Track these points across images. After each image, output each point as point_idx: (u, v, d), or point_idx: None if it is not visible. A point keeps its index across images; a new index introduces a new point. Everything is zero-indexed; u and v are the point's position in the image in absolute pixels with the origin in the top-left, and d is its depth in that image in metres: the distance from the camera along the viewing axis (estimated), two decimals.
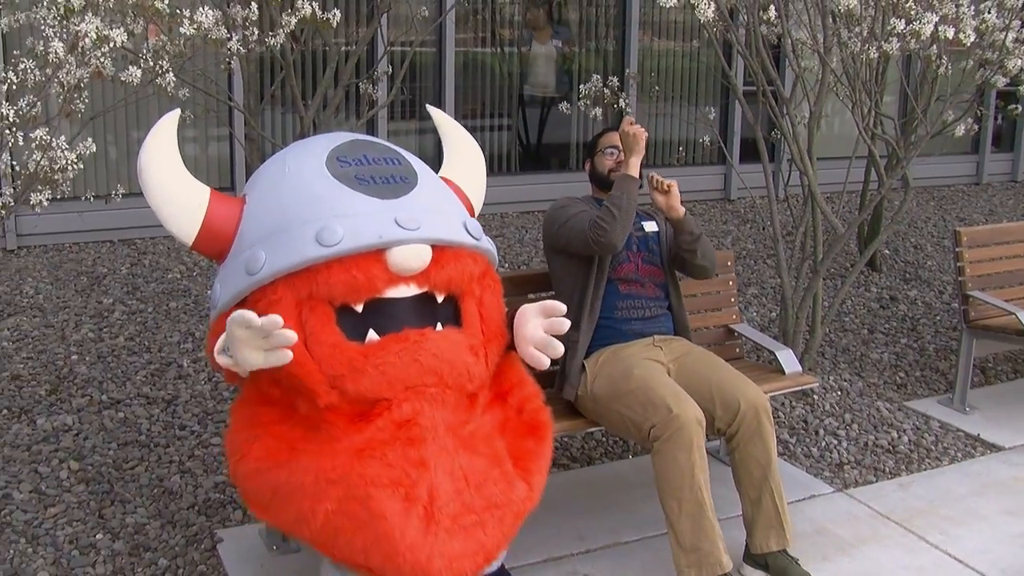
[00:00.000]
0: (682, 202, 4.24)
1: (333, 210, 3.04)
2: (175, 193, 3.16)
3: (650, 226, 4.43)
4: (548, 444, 3.34)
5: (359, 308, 3.03)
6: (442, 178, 3.54)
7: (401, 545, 2.84)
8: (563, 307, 3.23)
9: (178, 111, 3.29)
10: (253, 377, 3.07)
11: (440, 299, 3.16)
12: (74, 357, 5.41)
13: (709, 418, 3.89)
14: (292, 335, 2.87)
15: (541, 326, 3.24)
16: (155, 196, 3.16)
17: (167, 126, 3.22)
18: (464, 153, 3.74)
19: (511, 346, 3.32)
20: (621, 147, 4.26)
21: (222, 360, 3.00)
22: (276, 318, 2.82)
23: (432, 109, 3.91)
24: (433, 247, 3.06)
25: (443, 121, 3.86)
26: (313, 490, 2.95)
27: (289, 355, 2.91)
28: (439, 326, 3.12)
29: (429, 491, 2.91)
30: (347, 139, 3.32)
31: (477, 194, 3.66)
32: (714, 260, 4.40)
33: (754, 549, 3.93)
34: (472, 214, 3.55)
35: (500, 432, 3.24)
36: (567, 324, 3.22)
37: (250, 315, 2.80)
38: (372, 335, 3.04)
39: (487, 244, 3.30)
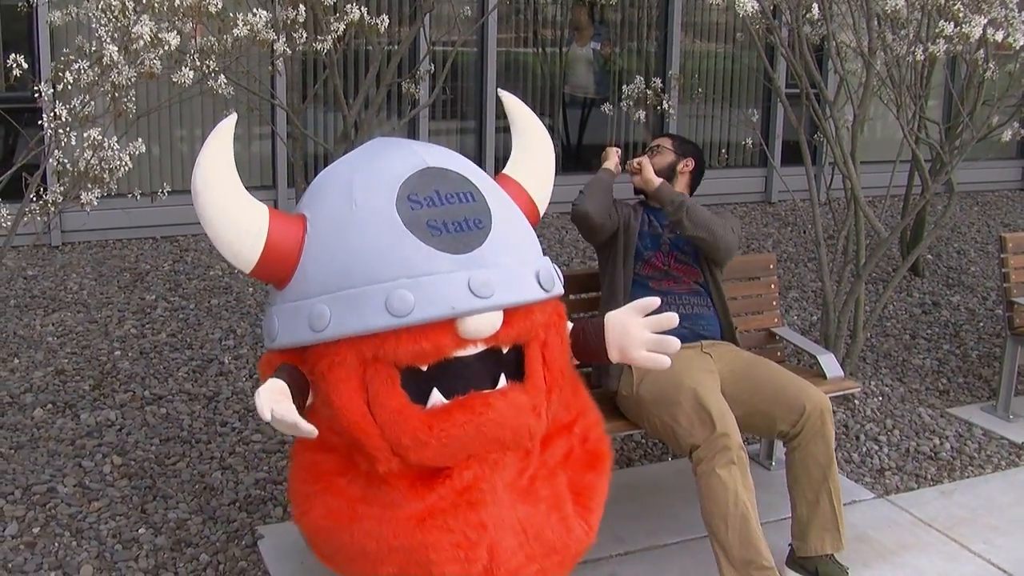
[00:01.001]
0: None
1: (404, 270, 2.86)
2: (236, 217, 2.96)
3: None
4: (607, 476, 3.28)
5: (424, 368, 2.92)
6: (508, 177, 3.43)
7: None
8: (656, 301, 3.22)
9: (234, 117, 3.08)
10: (313, 418, 2.92)
11: (505, 351, 3.04)
12: (117, 353, 5.46)
13: (771, 422, 3.91)
14: (314, 431, 2.78)
15: (646, 326, 3.21)
16: (212, 220, 2.96)
17: (223, 137, 3.02)
18: (534, 150, 3.58)
19: (584, 364, 3.29)
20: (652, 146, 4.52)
21: (265, 412, 2.87)
22: (311, 429, 2.76)
23: (505, 95, 3.68)
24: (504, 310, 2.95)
25: (515, 111, 3.64)
26: (376, 556, 2.94)
27: (315, 432, 2.83)
28: (502, 379, 3.02)
29: (489, 550, 2.89)
30: (418, 168, 3.05)
31: (542, 195, 3.52)
32: (716, 231, 4.19)
33: (805, 552, 3.90)
34: (537, 217, 3.45)
35: (564, 464, 3.18)
36: (675, 317, 3.21)
37: (291, 419, 2.73)
38: (437, 396, 2.94)
39: (558, 289, 3.16)
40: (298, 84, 5.32)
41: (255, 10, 3.93)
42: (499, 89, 3.77)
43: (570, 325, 3.40)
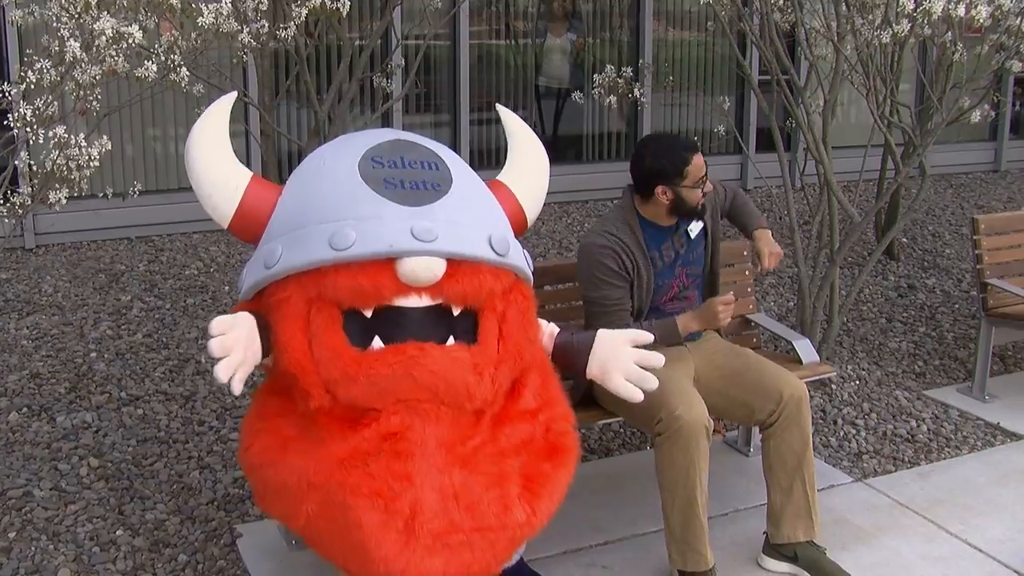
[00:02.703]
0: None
1: (352, 212, 2.99)
2: (217, 172, 3.17)
3: (696, 227, 4.20)
4: (566, 470, 3.24)
5: (368, 314, 2.99)
6: (499, 182, 3.47)
7: (376, 555, 2.84)
8: (651, 337, 3.27)
9: (234, 94, 3.32)
10: (273, 364, 3.07)
11: (456, 312, 3.07)
12: (93, 355, 5.44)
13: (748, 410, 3.94)
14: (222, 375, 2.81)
15: (634, 358, 3.27)
16: (197, 172, 3.17)
17: (222, 107, 3.26)
18: (528, 160, 3.63)
19: (560, 359, 3.38)
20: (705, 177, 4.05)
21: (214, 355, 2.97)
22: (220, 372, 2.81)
23: (501, 110, 3.77)
24: (449, 260, 2.98)
25: (510, 123, 3.72)
26: (296, 491, 2.97)
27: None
28: (451, 340, 3.05)
29: (412, 505, 2.86)
30: (390, 138, 3.24)
31: (533, 205, 3.54)
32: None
33: (779, 539, 3.93)
34: (524, 224, 3.48)
35: (521, 449, 3.17)
36: (662, 359, 3.27)
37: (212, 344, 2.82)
38: (377, 343, 2.99)
39: (514, 260, 3.18)
40: (269, 81, 5.28)
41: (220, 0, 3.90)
42: (497, 104, 3.84)
43: (555, 328, 3.51)
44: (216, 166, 3.17)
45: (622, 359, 3.28)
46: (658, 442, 3.73)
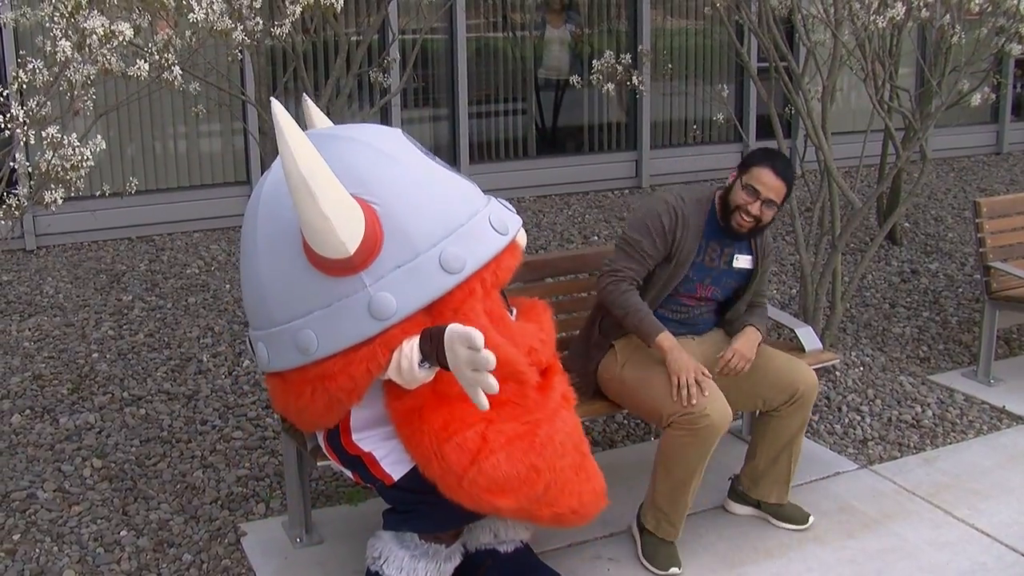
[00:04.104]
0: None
1: (480, 200, 3.25)
2: (343, 199, 2.94)
3: (742, 262, 4.11)
4: None
5: None
6: None
7: (598, 477, 3.39)
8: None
9: (277, 103, 3.04)
10: (435, 383, 3.11)
11: None
12: (95, 355, 5.43)
13: (759, 402, 4.03)
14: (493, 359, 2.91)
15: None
16: (327, 203, 2.88)
17: (293, 123, 2.97)
18: None
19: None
20: (764, 197, 3.90)
21: (422, 374, 3.02)
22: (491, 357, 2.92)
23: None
24: None
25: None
26: (561, 450, 3.21)
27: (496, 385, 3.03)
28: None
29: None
30: (396, 130, 3.39)
31: None
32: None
33: (754, 495, 4.17)
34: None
35: None
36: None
37: (478, 337, 2.88)
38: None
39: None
40: (266, 78, 5.27)
41: None
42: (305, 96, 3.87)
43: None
44: (344, 195, 2.95)
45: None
46: (672, 433, 3.74)
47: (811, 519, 4.13)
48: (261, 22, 4.39)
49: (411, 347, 3.01)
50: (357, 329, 3.03)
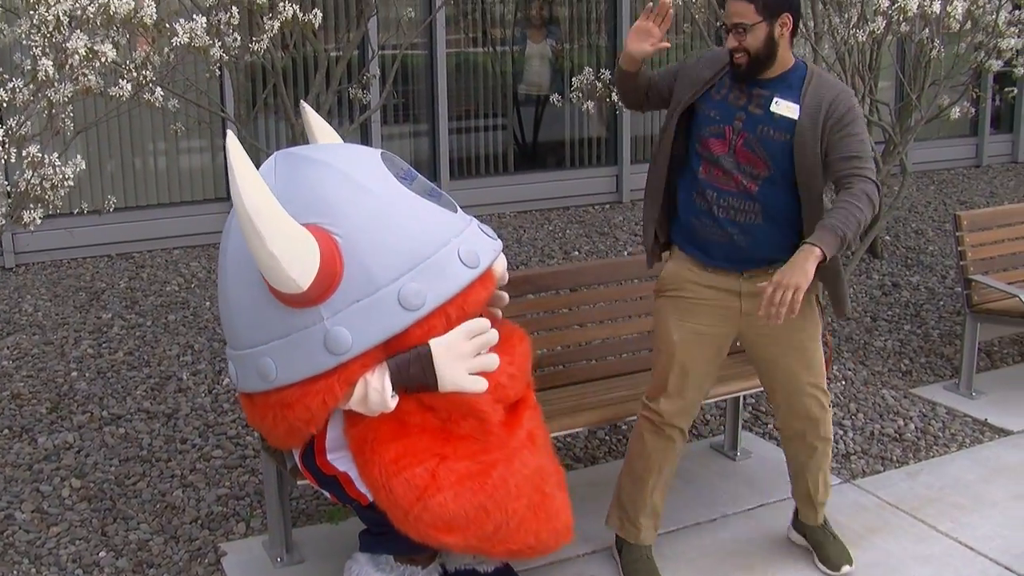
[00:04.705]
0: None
1: (451, 230, 3.13)
2: (294, 235, 2.90)
3: (782, 108, 3.45)
4: None
5: None
6: None
7: (564, 514, 3.33)
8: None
9: (232, 135, 2.98)
10: (394, 413, 3.09)
11: None
12: (74, 374, 5.39)
13: (775, 406, 3.87)
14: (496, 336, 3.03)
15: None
16: (275, 241, 2.85)
17: (245, 158, 2.91)
18: None
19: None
20: (729, 25, 3.41)
21: (393, 403, 3.03)
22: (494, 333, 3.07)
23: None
24: None
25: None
26: (516, 492, 3.16)
27: (497, 360, 3.12)
28: None
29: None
30: (375, 153, 3.29)
31: None
32: (869, 215, 3.35)
33: (800, 517, 4.07)
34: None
35: None
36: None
37: (485, 322, 3.02)
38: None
39: None
40: (245, 94, 5.26)
41: (194, 16, 3.87)
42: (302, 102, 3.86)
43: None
44: (291, 228, 2.91)
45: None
46: (638, 418, 3.82)
47: (847, 567, 3.89)
48: (239, 38, 4.37)
49: (380, 380, 3.01)
50: (312, 362, 3.02)
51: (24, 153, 3.55)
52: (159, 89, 3.97)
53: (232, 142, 2.91)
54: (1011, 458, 4.91)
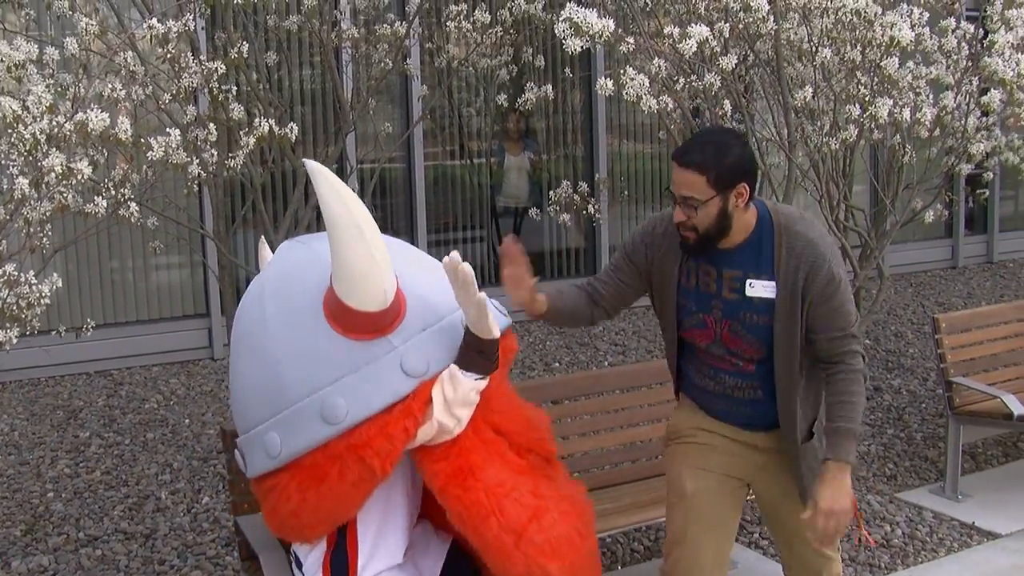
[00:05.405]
0: None
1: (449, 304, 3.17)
2: (386, 253, 2.97)
3: (757, 290, 3.26)
4: None
5: None
6: None
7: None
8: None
9: (311, 162, 2.97)
10: (477, 440, 3.11)
11: None
12: (50, 494, 5.31)
13: (787, 565, 3.65)
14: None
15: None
16: (379, 248, 2.92)
17: (333, 174, 2.97)
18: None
19: None
20: (677, 197, 3.21)
21: (481, 384, 3.05)
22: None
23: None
24: None
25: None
26: (591, 524, 3.22)
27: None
28: None
29: None
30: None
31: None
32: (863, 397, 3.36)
33: None
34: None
35: None
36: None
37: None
38: None
39: None
40: (224, 210, 5.27)
41: (168, 129, 3.90)
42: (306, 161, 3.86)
43: None
44: (383, 247, 2.96)
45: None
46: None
47: None
48: (216, 154, 4.40)
49: (450, 375, 3.00)
50: (391, 388, 2.95)
51: (0, 271, 3.54)
52: (134, 205, 3.98)
53: (312, 162, 2.94)
54: (1001, 561, 4.86)
